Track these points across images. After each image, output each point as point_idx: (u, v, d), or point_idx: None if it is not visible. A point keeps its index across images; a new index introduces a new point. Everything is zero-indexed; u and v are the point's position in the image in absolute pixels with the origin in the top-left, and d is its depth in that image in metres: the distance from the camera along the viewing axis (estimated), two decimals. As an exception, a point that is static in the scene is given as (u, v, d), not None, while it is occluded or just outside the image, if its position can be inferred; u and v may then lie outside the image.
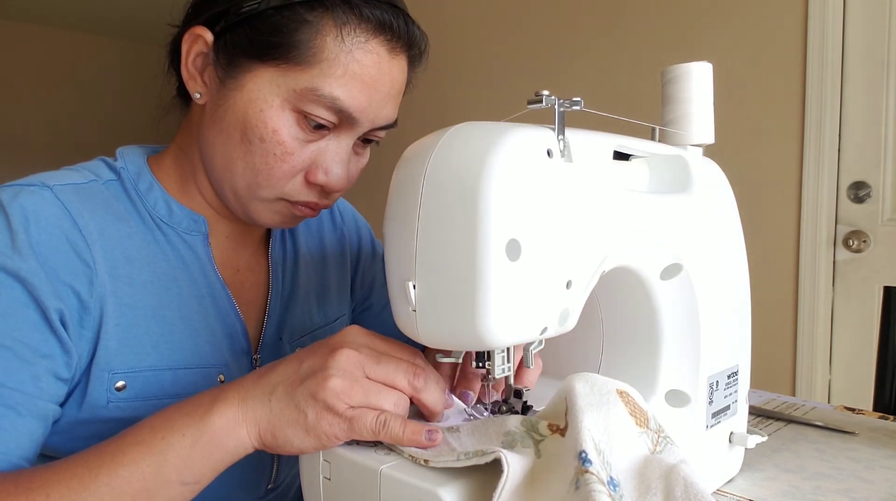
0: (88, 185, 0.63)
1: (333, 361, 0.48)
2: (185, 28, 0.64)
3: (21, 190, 0.58)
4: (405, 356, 0.52)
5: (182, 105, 0.70)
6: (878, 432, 0.79)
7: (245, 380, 0.52)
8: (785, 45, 1.79)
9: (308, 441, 0.48)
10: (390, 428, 0.47)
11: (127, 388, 0.60)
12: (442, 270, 0.44)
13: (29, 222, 0.56)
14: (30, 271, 0.55)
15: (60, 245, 0.57)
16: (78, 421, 0.59)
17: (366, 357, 0.49)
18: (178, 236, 0.67)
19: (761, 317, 0.86)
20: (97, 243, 0.59)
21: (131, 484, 0.48)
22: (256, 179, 0.63)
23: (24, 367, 0.53)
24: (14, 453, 0.52)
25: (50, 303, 0.55)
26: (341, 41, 0.60)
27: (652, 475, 0.45)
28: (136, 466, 0.48)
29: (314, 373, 0.49)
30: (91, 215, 0.60)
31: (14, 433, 0.53)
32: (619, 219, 0.50)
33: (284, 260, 0.77)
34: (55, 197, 0.59)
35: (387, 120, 0.66)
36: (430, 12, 2.56)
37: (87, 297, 0.58)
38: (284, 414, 0.49)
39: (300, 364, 0.50)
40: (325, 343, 0.51)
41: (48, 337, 0.55)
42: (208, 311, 0.67)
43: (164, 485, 0.49)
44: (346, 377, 0.48)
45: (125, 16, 3.87)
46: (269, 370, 0.52)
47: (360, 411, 0.47)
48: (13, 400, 0.53)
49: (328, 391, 0.47)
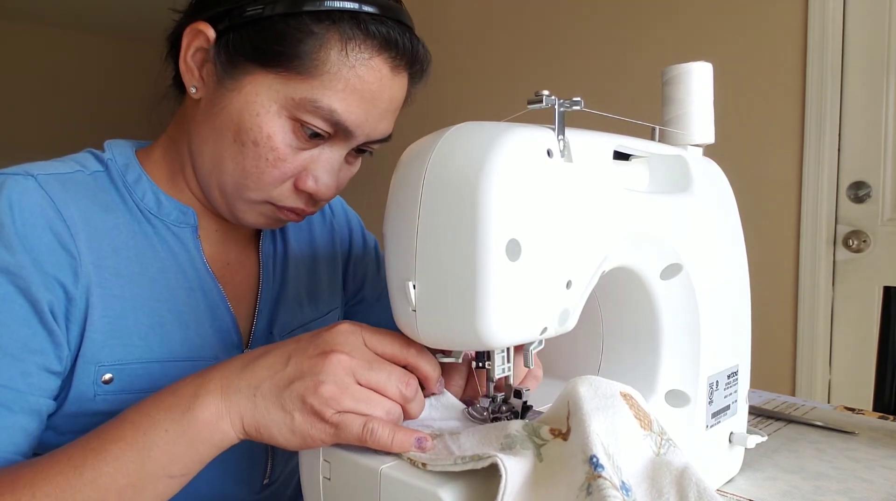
0: (74, 175, 0.63)
1: (325, 366, 0.47)
2: (188, 20, 0.64)
3: (5, 179, 0.58)
4: (398, 346, 0.50)
5: (176, 96, 0.70)
6: (878, 432, 0.79)
7: (227, 369, 0.51)
8: (785, 45, 1.79)
9: (293, 441, 0.48)
10: (378, 436, 0.46)
11: (114, 381, 0.59)
12: (442, 270, 0.44)
13: (14, 212, 0.56)
14: (17, 265, 0.54)
15: (44, 236, 0.56)
16: (64, 415, 0.58)
17: (357, 363, 0.48)
18: (166, 229, 0.66)
19: (761, 317, 0.86)
20: (81, 234, 0.59)
21: (116, 480, 0.48)
22: (245, 181, 0.63)
23: (13, 364, 0.53)
24: (9, 449, 0.52)
25: (40, 296, 0.55)
26: (345, 56, 0.60)
27: (663, 479, 0.45)
28: (120, 463, 0.48)
29: (303, 376, 0.48)
30: (76, 204, 0.60)
31: (7, 430, 0.53)
32: (620, 219, 0.50)
33: (275, 255, 0.77)
34: (39, 186, 0.58)
35: (382, 134, 0.66)
36: (430, 12, 2.56)
37: (73, 288, 0.57)
38: (270, 413, 0.48)
39: (287, 361, 0.49)
40: (315, 342, 0.49)
41: (37, 331, 0.55)
42: (198, 304, 0.66)
43: (150, 480, 0.48)
44: (337, 384, 0.47)
45: (124, 15, 3.87)
46: (254, 361, 0.50)
47: (347, 417, 0.47)
48: (4, 397, 0.53)
49: (318, 397, 0.47)
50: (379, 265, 0.91)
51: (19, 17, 3.86)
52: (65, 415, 0.59)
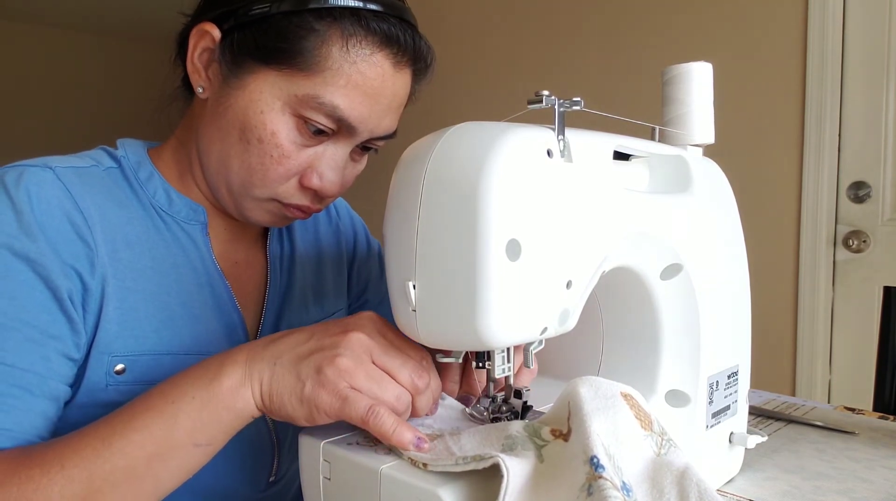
0: (89, 169, 0.64)
1: (345, 340, 0.49)
2: (195, 21, 0.64)
3: (24, 170, 0.59)
4: (414, 355, 0.52)
5: (185, 97, 0.71)
6: (878, 432, 0.79)
7: (255, 343, 0.53)
8: (785, 45, 1.79)
9: (300, 411, 0.49)
10: (382, 421, 0.47)
11: (126, 371, 0.60)
12: (442, 270, 0.44)
13: (32, 202, 0.57)
14: (38, 252, 0.55)
15: (62, 226, 0.57)
16: (76, 404, 0.59)
17: (376, 344, 0.50)
18: (177, 225, 0.67)
19: (761, 317, 0.86)
20: (97, 225, 0.60)
21: (144, 448, 0.48)
22: (251, 178, 0.63)
23: (34, 348, 0.54)
24: (30, 431, 0.53)
25: (60, 283, 0.56)
26: (346, 52, 0.60)
27: (664, 479, 0.45)
28: (148, 430, 0.49)
29: (323, 349, 0.49)
30: (92, 197, 0.61)
31: (29, 413, 0.53)
32: (620, 219, 0.50)
33: (282, 255, 0.78)
34: (56, 178, 0.59)
35: (386, 131, 0.66)
36: (430, 12, 2.55)
37: (89, 278, 0.58)
38: (284, 380, 0.49)
39: (310, 337, 0.51)
40: (339, 322, 0.52)
41: (57, 317, 0.56)
42: (207, 300, 0.67)
43: (177, 448, 0.49)
44: (353, 359, 0.48)
45: (125, 15, 3.87)
46: (280, 338, 0.52)
47: (356, 394, 0.47)
48: (26, 381, 0.53)
49: (333, 367, 0.48)
50: (382, 270, 0.91)
51: (19, 17, 3.86)
52: (75, 406, 0.59)
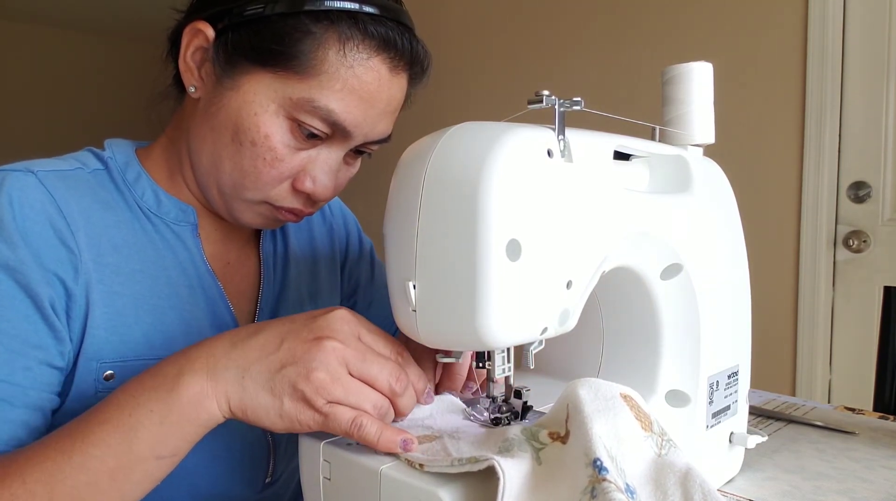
0: (74, 172, 0.63)
1: (318, 353, 0.47)
2: (189, 19, 0.64)
3: (5, 175, 0.58)
4: (390, 350, 0.51)
5: (176, 95, 0.70)
6: (878, 432, 0.79)
7: (214, 347, 0.50)
8: (785, 45, 1.79)
9: (279, 424, 0.48)
10: (365, 431, 0.46)
11: (116, 378, 0.59)
12: (442, 270, 0.44)
13: (14, 208, 0.56)
14: (18, 260, 0.54)
15: (44, 231, 0.57)
16: (66, 412, 0.58)
17: (352, 353, 0.48)
18: (166, 227, 0.66)
19: (761, 317, 0.86)
20: (81, 230, 0.59)
21: (105, 463, 0.47)
22: (243, 180, 0.63)
23: (15, 359, 0.53)
24: (9, 443, 0.52)
25: (41, 291, 0.55)
26: (343, 56, 0.60)
27: (667, 481, 0.45)
28: (107, 445, 0.47)
29: (295, 362, 0.47)
30: (76, 202, 0.60)
31: (8, 424, 0.53)
32: (620, 219, 0.50)
33: (275, 255, 0.77)
34: (39, 182, 0.59)
35: (380, 135, 0.66)
36: (429, 12, 2.55)
37: (73, 285, 0.57)
38: (259, 397, 0.48)
39: (280, 343, 0.48)
40: (310, 326, 0.49)
41: (39, 327, 0.55)
42: (198, 302, 0.66)
43: (140, 461, 0.48)
44: (329, 373, 0.47)
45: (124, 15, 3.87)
46: (245, 340, 0.50)
47: (337, 408, 0.47)
48: (6, 392, 0.53)
49: (309, 384, 0.46)
50: (373, 272, 0.90)
51: (19, 17, 3.86)
52: (65, 413, 0.58)
